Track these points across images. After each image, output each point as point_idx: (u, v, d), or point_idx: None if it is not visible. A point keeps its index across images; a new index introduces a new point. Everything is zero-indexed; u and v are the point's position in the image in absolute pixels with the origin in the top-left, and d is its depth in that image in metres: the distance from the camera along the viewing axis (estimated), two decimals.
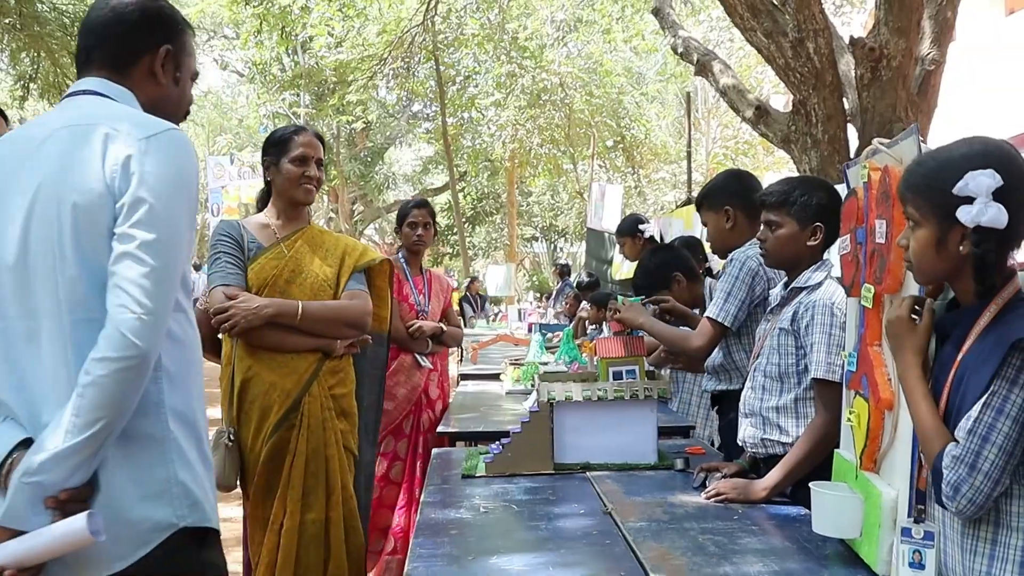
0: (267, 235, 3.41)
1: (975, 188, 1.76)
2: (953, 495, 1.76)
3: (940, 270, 1.90)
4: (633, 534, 2.51)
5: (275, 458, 3.24)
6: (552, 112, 23.03)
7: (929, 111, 6.57)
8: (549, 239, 35.19)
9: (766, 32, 6.43)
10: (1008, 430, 1.72)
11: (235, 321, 3.13)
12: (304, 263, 3.37)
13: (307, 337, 3.28)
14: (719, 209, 3.59)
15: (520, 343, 8.55)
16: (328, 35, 19.37)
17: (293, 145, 3.38)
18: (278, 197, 3.45)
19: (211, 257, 3.32)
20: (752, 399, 3.00)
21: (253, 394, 3.25)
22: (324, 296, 3.34)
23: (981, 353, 1.79)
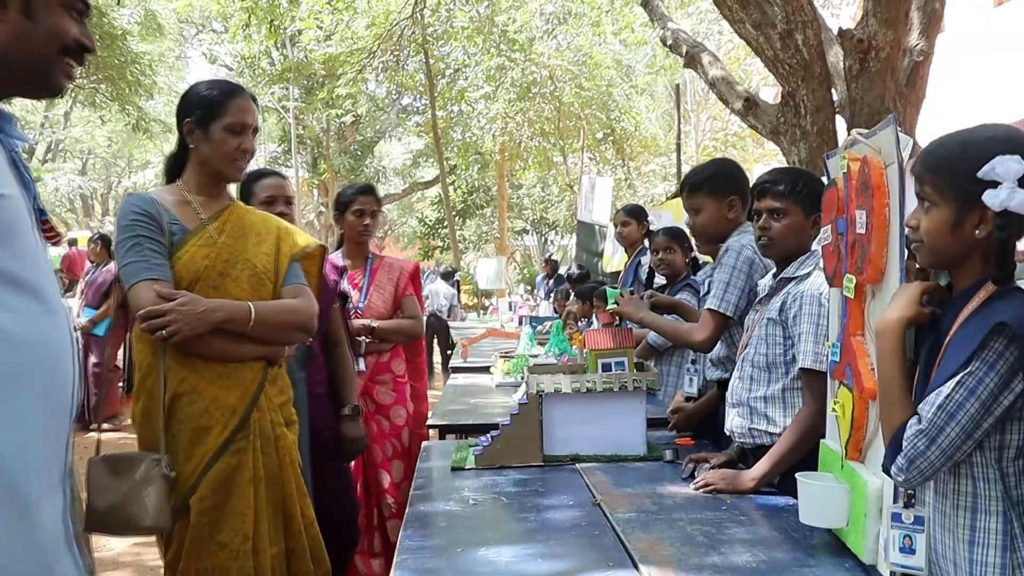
0: (189, 215, 2.81)
1: (1003, 172, 1.75)
2: (907, 466, 1.80)
3: (951, 252, 1.88)
4: (622, 525, 2.51)
5: (219, 490, 2.65)
6: (542, 105, 23.02)
7: (917, 102, 6.57)
8: (540, 232, 35.17)
9: (755, 24, 6.43)
10: (975, 412, 1.74)
11: (176, 328, 2.57)
12: (238, 251, 2.81)
13: (255, 344, 2.77)
14: (723, 197, 3.47)
15: (510, 336, 8.55)
16: (317, 28, 19.33)
17: (228, 110, 2.80)
18: (200, 168, 2.84)
19: (125, 241, 2.68)
20: (740, 389, 3.01)
21: (186, 412, 2.67)
22: (264, 291, 2.83)
23: (965, 333, 1.80)
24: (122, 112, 17.46)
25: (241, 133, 2.81)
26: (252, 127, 2.85)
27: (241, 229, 2.86)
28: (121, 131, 30.91)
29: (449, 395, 5.23)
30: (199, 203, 2.83)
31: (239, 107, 2.82)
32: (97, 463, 2.57)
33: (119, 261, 2.73)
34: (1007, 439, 1.79)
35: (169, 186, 2.89)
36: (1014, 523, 1.78)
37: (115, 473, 2.54)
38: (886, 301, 2.08)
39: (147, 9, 21.61)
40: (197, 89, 2.88)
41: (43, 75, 1.72)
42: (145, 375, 2.71)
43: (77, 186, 35.89)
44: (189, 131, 2.82)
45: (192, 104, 2.83)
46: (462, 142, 26.20)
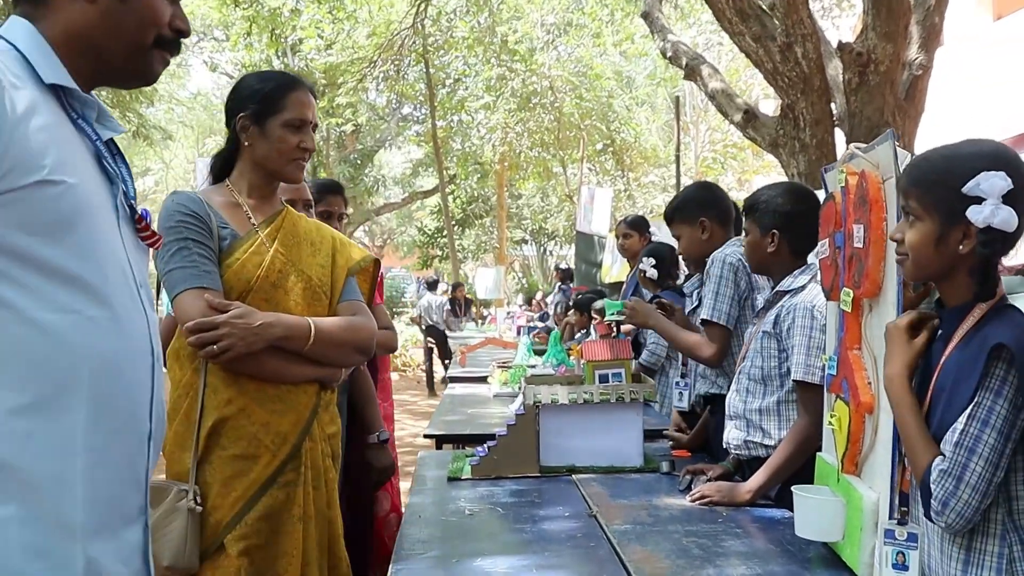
0: (239, 219, 2.54)
1: (987, 189, 1.75)
2: (942, 510, 1.75)
3: (935, 267, 1.88)
4: (617, 537, 2.51)
5: (264, 528, 2.37)
6: (542, 115, 23.03)
7: (916, 115, 6.60)
8: (539, 242, 35.18)
9: (754, 36, 6.46)
10: (994, 442, 1.71)
11: (229, 344, 2.27)
12: (292, 261, 2.53)
13: (311, 365, 2.48)
14: (694, 221, 3.66)
15: (508, 346, 8.55)
16: (318, 37, 19.36)
17: (289, 103, 2.53)
18: (254, 169, 2.58)
19: (170, 244, 2.39)
20: (736, 401, 3.03)
21: (230, 438, 2.37)
22: (319, 306, 2.55)
23: (963, 359, 1.79)
24: (123, 119, 17.46)
25: (301, 129, 2.55)
26: (312, 123, 2.60)
27: (295, 237, 2.59)
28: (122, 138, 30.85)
29: (446, 405, 5.23)
30: (250, 206, 2.56)
31: (299, 101, 2.56)
32: None
33: (162, 266, 2.41)
34: (1020, 460, 1.77)
35: (216, 186, 2.63)
36: (1014, 547, 1.76)
37: None
38: (884, 315, 2.09)
39: None
40: (250, 81, 2.62)
41: (136, 63, 1.61)
42: (182, 395, 2.41)
43: None
44: (243, 128, 2.55)
45: (246, 97, 2.57)
46: (462, 152, 26.21)
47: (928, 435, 1.83)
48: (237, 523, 2.33)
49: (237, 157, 2.61)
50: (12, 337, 1.28)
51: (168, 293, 2.38)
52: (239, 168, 2.60)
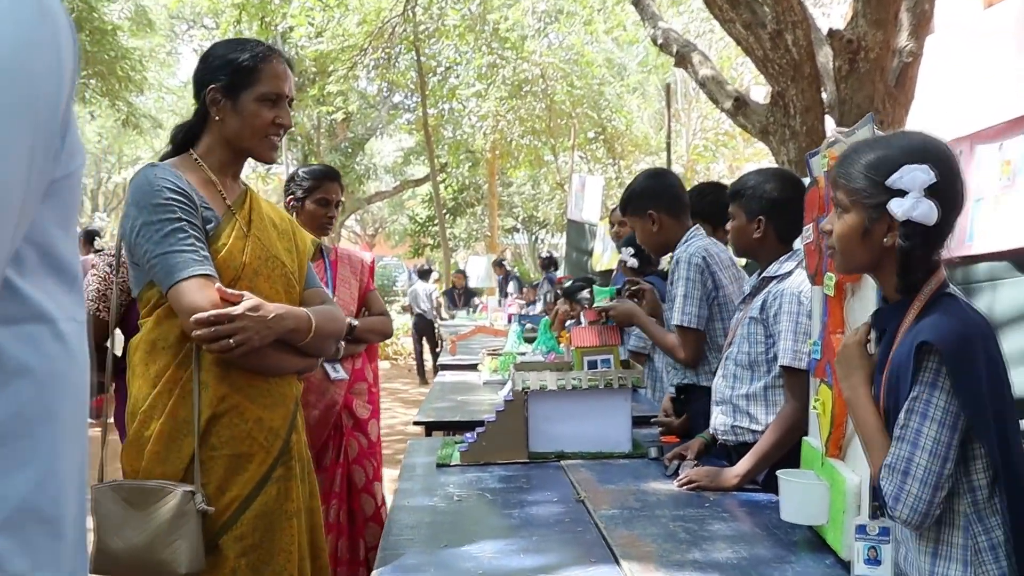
0: (216, 200, 2.37)
1: (909, 182, 1.76)
2: (895, 505, 1.77)
3: (862, 260, 1.90)
4: (605, 521, 2.53)
5: (260, 526, 2.29)
6: (533, 103, 22.99)
7: (907, 103, 6.60)
8: (530, 230, 35.16)
9: (745, 24, 6.45)
10: (936, 434, 1.72)
11: (246, 337, 2.16)
12: (267, 246, 2.41)
13: (299, 356, 2.42)
14: (643, 214, 3.67)
15: (499, 334, 8.56)
16: (308, 25, 19.28)
17: (264, 75, 2.37)
18: (223, 145, 2.40)
19: (161, 224, 2.19)
20: (723, 387, 3.04)
21: (223, 437, 2.27)
22: (294, 294, 2.47)
23: (902, 352, 1.81)
24: (112, 107, 17.40)
25: (277, 104, 2.39)
26: (289, 97, 2.44)
27: (262, 219, 2.46)
28: (111, 127, 30.82)
29: (436, 392, 5.24)
30: (222, 185, 2.41)
31: (275, 72, 2.39)
32: (106, 492, 2.23)
33: (149, 247, 2.20)
34: (975, 449, 1.77)
35: (183, 159, 2.41)
36: (978, 538, 1.77)
37: (133, 505, 2.19)
38: (865, 299, 2.10)
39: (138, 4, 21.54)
40: (221, 50, 2.41)
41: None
42: (162, 391, 2.26)
43: None
44: (213, 101, 2.36)
45: (217, 68, 2.38)
46: (453, 140, 26.16)
47: (886, 438, 1.84)
48: (233, 523, 2.26)
49: (203, 130, 2.42)
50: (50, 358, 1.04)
51: (163, 278, 2.20)
52: (206, 143, 2.42)
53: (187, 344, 2.25)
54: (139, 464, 2.27)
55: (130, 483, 2.24)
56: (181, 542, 2.14)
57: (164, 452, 2.25)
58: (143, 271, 2.28)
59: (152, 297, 2.30)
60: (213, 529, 2.24)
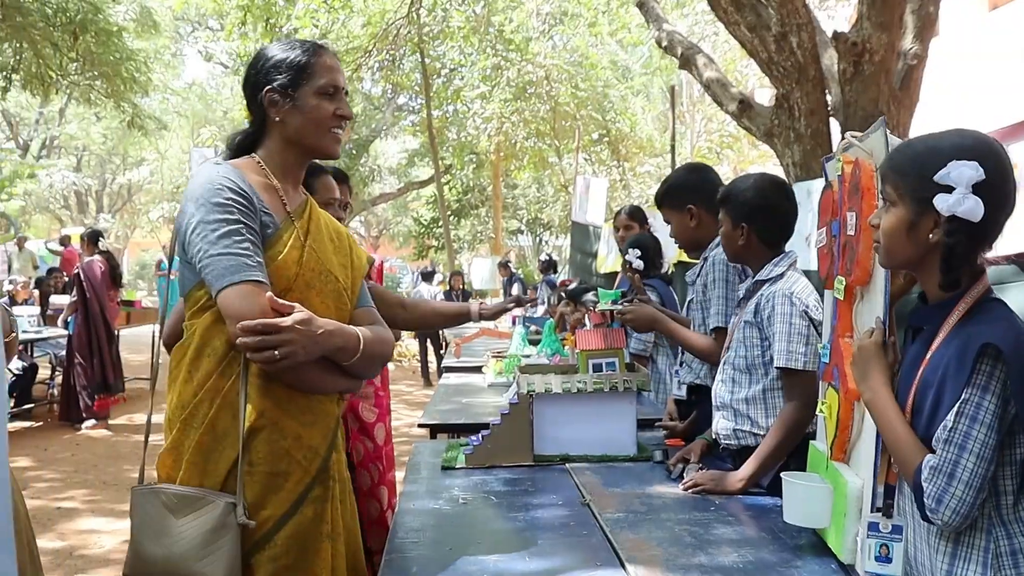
0: (276, 205, 2.29)
1: (956, 177, 1.76)
2: (936, 507, 1.75)
3: (907, 254, 1.89)
4: (610, 525, 2.52)
5: (294, 548, 2.19)
6: (537, 105, 23.00)
7: (911, 105, 6.59)
8: (534, 232, 35.17)
9: (749, 26, 6.45)
10: (984, 437, 1.72)
11: (291, 351, 2.07)
12: (322, 259, 2.33)
13: (344, 376, 2.31)
14: (682, 208, 3.59)
15: (503, 336, 8.55)
16: (313, 27, 19.30)
17: (319, 69, 2.32)
18: (287, 147, 2.35)
19: (218, 224, 2.12)
20: (723, 392, 3.05)
21: (262, 453, 2.16)
22: (344, 311, 2.37)
23: (949, 354, 1.79)
24: (117, 109, 17.37)
25: (335, 96, 2.34)
26: (345, 89, 2.39)
27: (320, 231, 2.38)
28: (116, 128, 30.89)
29: (441, 394, 5.23)
30: (284, 192, 2.33)
31: (329, 65, 2.34)
32: (149, 496, 2.17)
33: (204, 246, 2.13)
34: (1008, 455, 1.77)
35: (246, 161, 2.34)
36: (1000, 542, 1.77)
37: (174, 512, 2.12)
38: (873, 303, 2.10)
39: (143, 6, 21.56)
40: (272, 52, 2.36)
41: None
42: (203, 399, 2.17)
43: (72, 182, 35.95)
44: (271, 102, 2.31)
45: (271, 68, 2.32)
46: (457, 142, 26.17)
47: (916, 437, 1.83)
48: (267, 542, 2.16)
49: (263, 135, 2.37)
50: None
51: (214, 280, 2.12)
52: (267, 148, 2.36)
53: (232, 352, 2.16)
54: (176, 473, 2.18)
55: (173, 488, 2.15)
56: (218, 555, 2.07)
57: (203, 463, 2.16)
58: (194, 270, 2.19)
59: (201, 298, 2.21)
60: (246, 547, 2.14)
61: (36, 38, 14.18)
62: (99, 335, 9.74)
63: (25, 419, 10.19)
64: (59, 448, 8.77)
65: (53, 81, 15.63)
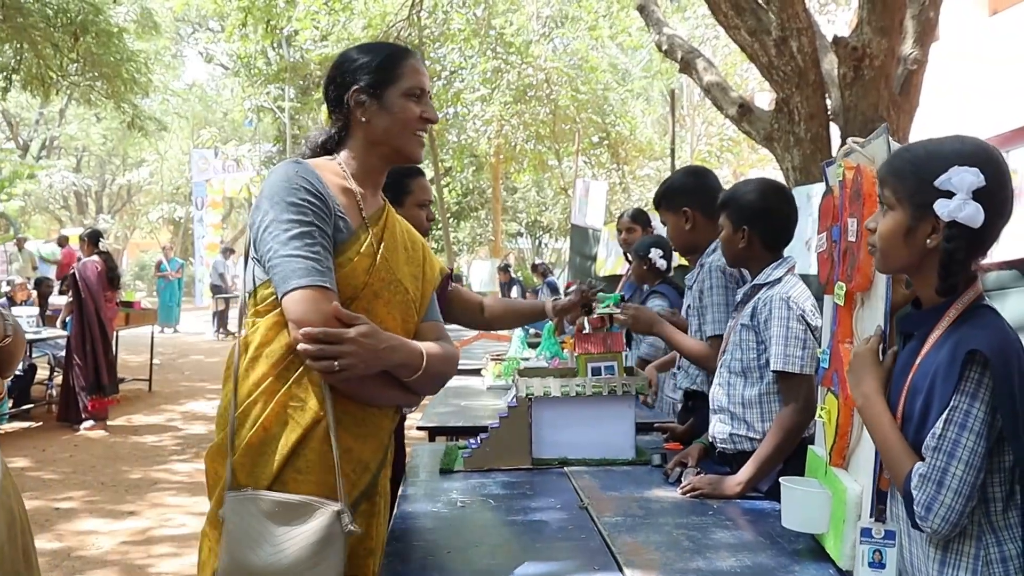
0: (352, 209, 2.24)
1: (957, 183, 1.76)
2: (925, 515, 1.75)
3: (903, 259, 1.89)
4: (608, 529, 2.52)
5: (352, 567, 2.16)
6: (537, 108, 23.03)
7: (911, 110, 6.60)
8: (534, 235, 35.20)
9: (750, 30, 6.46)
10: (973, 445, 1.71)
11: (351, 363, 2.03)
12: (393, 269, 2.27)
13: (402, 391, 2.24)
14: (677, 210, 3.59)
15: (502, 339, 8.54)
16: (313, 29, 19.32)
17: (406, 71, 2.30)
18: (370, 149, 2.31)
19: (291, 224, 2.08)
20: (720, 395, 3.05)
21: (313, 459, 2.11)
22: (411, 324, 2.31)
23: (939, 360, 1.79)
24: (117, 109, 17.38)
25: (421, 99, 2.31)
26: (429, 93, 2.37)
27: (394, 239, 2.32)
28: (116, 129, 30.90)
29: (439, 397, 5.22)
30: (362, 197, 2.28)
31: (415, 68, 2.32)
32: (246, 502, 2.06)
33: (275, 245, 2.08)
34: (996, 462, 1.77)
35: (327, 162, 2.30)
36: (990, 549, 1.76)
37: (276, 519, 2.03)
38: (874, 309, 2.10)
39: (143, 7, 21.58)
40: (356, 54, 2.34)
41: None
42: (256, 400, 2.12)
43: (71, 183, 35.95)
44: (358, 103, 2.27)
45: (357, 69, 2.30)
46: (457, 144, 26.16)
47: (907, 444, 1.83)
48: None
49: (345, 139, 2.34)
50: None
51: (281, 282, 2.07)
52: (349, 150, 2.32)
53: (290, 356, 2.11)
54: (224, 471, 2.12)
55: (273, 495, 2.06)
56: (327, 564, 2.00)
57: (250, 465, 2.10)
58: (263, 267, 2.15)
59: (267, 296, 2.16)
60: None
61: (37, 39, 14.18)
62: (94, 336, 9.73)
63: (24, 420, 10.18)
64: (58, 449, 8.76)
65: (53, 82, 15.64)
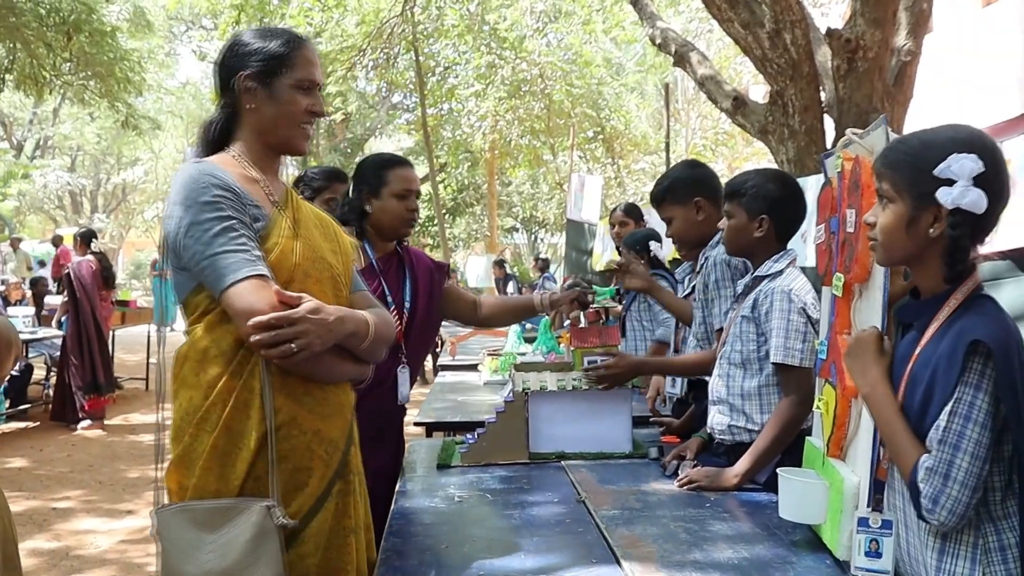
0: (261, 198, 2.22)
1: (958, 171, 1.76)
2: (933, 508, 1.75)
3: (906, 250, 1.89)
4: (605, 522, 2.52)
5: (320, 546, 2.16)
6: (532, 103, 23.01)
7: (905, 102, 6.59)
8: (529, 230, 35.18)
9: (743, 23, 6.45)
10: (978, 436, 1.71)
11: (308, 342, 2.04)
12: (316, 247, 2.28)
13: (354, 363, 2.27)
14: (687, 202, 3.54)
15: (498, 334, 8.55)
16: (307, 25, 19.29)
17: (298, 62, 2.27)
18: (257, 137, 2.29)
19: (211, 223, 2.06)
20: (719, 386, 3.04)
21: (284, 448, 2.11)
22: (342, 297, 2.31)
23: (940, 350, 1.79)
24: (111, 109, 17.37)
25: (311, 91, 2.29)
26: (320, 85, 2.34)
27: (307, 219, 2.33)
28: (110, 128, 30.86)
29: (436, 393, 5.23)
30: (265, 183, 2.26)
31: (308, 59, 2.28)
32: (172, 515, 2.07)
33: (199, 250, 2.06)
34: (996, 452, 1.76)
35: (224, 157, 2.26)
36: (988, 538, 1.77)
37: (207, 527, 2.03)
38: (872, 300, 2.10)
39: (136, 6, 21.56)
40: (250, 38, 2.28)
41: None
42: (216, 401, 2.10)
43: (66, 183, 35.89)
44: (246, 88, 2.23)
45: (248, 54, 2.24)
46: (452, 140, 26.17)
47: (913, 434, 1.83)
48: (294, 541, 2.10)
49: (235, 125, 2.30)
50: None
51: (215, 281, 2.06)
52: (241, 141, 2.29)
53: (241, 352, 2.10)
54: (189, 481, 2.10)
55: (199, 504, 2.06)
56: (264, 563, 2.00)
57: (219, 468, 2.08)
58: (191, 274, 2.13)
59: (201, 303, 2.15)
60: None
61: (29, 38, 14.16)
62: (89, 335, 9.72)
63: (21, 420, 10.17)
64: (55, 448, 8.75)
65: (47, 81, 15.62)
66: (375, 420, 3.20)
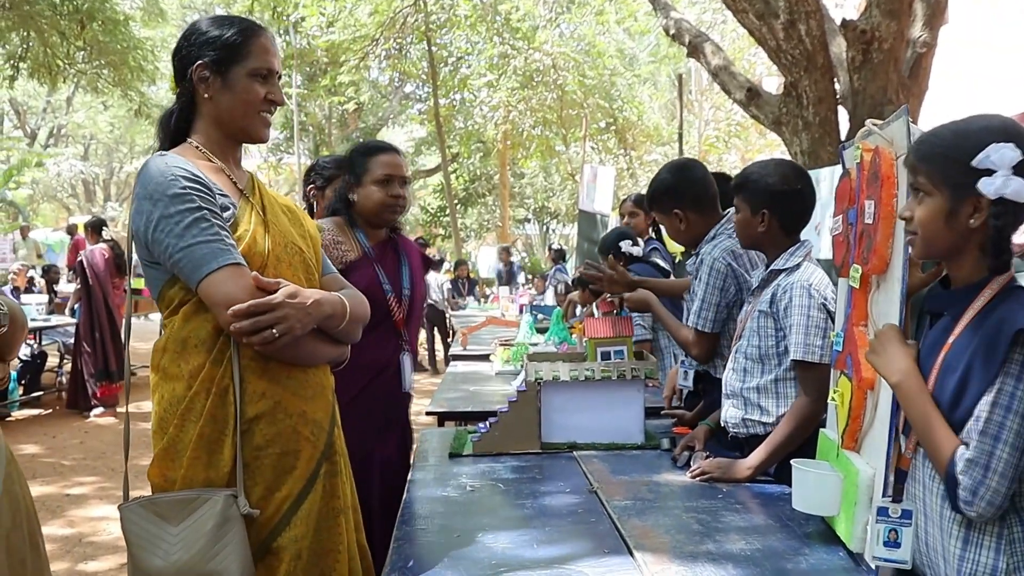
0: (229, 186, 2.24)
1: (997, 160, 1.74)
2: (972, 499, 1.73)
3: (947, 243, 1.86)
4: (618, 512, 2.52)
5: (311, 527, 2.20)
6: (544, 93, 22.95)
7: (920, 93, 6.58)
8: (541, 221, 35.14)
9: (758, 14, 6.44)
10: (1017, 427, 1.70)
11: (288, 327, 2.07)
12: (285, 232, 2.31)
13: (332, 344, 2.31)
14: (669, 213, 3.56)
15: (510, 325, 8.55)
16: (320, 15, 19.30)
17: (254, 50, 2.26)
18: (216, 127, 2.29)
19: (183, 215, 2.06)
20: (734, 380, 3.03)
21: (267, 435, 2.15)
22: (314, 280, 2.35)
23: (976, 340, 1.77)
24: (124, 98, 17.42)
25: (268, 80, 2.28)
26: (278, 73, 2.33)
27: (273, 204, 2.34)
28: (123, 117, 30.92)
29: (448, 382, 5.24)
30: (230, 171, 2.28)
31: (264, 48, 2.27)
32: (135, 510, 2.12)
33: (171, 243, 2.06)
34: None
35: (186, 148, 2.26)
36: (1014, 528, 1.75)
37: (169, 519, 2.07)
38: (890, 292, 2.08)
39: None
40: (205, 26, 2.28)
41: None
42: (199, 391, 2.11)
43: (79, 171, 36.00)
44: (201, 78, 2.23)
45: (203, 44, 2.24)
46: (464, 130, 26.16)
47: (947, 425, 1.80)
48: (287, 524, 2.15)
49: (194, 116, 2.30)
50: None
51: (191, 272, 2.07)
52: (201, 128, 2.29)
53: (220, 339, 2.12)
54: (177, 473, 2.12)
55: (161, 496, 2.10)
56: (229, 551, 2.03)
57: (206, 456, 2.10)
58: (163, 268, 2.14)
59: (176, 295, 2.16)
60: (264, 531, 2.13)
61: (43, 27, 14.19)
62: (101, 322, 9.75)
63: (34, 407, 10.22)
64: (68, 435, 8.79)
65: (60, 70, 15.66)
66: (383, 408, 3.28)
